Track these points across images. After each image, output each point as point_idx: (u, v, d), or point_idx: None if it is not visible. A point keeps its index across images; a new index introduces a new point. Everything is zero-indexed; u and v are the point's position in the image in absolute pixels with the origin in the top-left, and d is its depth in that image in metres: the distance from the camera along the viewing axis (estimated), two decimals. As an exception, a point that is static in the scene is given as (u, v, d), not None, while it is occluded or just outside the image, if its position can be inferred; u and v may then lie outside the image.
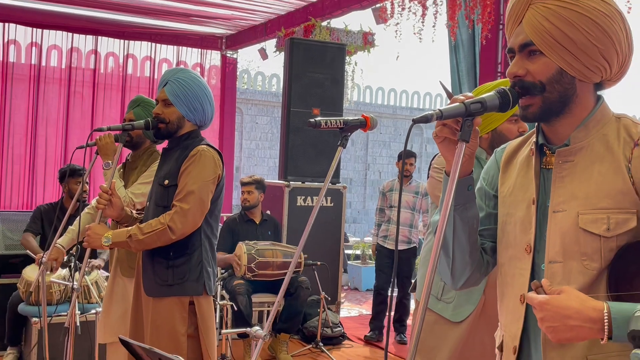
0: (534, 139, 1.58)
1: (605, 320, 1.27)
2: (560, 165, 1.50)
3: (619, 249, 1.42)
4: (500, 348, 1.63)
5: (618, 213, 1.42)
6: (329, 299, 5.73)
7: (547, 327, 1.33)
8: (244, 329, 4.62)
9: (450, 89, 6.05)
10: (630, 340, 1.19)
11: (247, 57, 29.00)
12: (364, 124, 2.37)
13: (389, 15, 6.55)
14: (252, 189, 5.54)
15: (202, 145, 2.94)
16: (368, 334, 6.16)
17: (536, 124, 1.57)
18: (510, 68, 1.51)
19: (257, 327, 2.22)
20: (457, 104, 1.42)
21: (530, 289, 1.41)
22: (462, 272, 1.64)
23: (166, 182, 2.94)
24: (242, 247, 5.20)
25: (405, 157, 6.40)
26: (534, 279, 1.48)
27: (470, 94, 1.46)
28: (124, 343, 1.68)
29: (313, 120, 2.37)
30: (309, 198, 6.09)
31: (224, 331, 3.19)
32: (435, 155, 2.84)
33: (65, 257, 4.01)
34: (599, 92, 1.54)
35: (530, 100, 1.48)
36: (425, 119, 1.41)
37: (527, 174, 1.57)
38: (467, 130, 1.43)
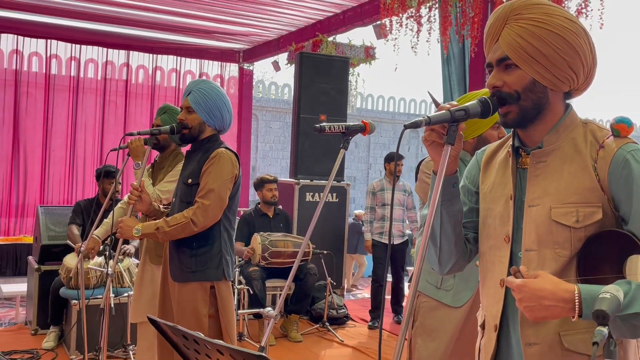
0: (511, 143, 1.59)
1: (576, 301, 1.28)
2: (535, 165, 1.51)
3: (587, 239, 1.42)
4: (482, 326, 1.64)
5: (586, 207, 1.42)
6: (334, 283, 5.73)
7: (525, 306, 1.33)
8: (257, 310, 4.64)
9: (441, 98, 6.04)
10: (594, 318, 1.19)
11: (262, 68, 29.04)
12: (364, 129, 2.39)
13: (388, 32, 6.56)
14: (276, 187, 5.57)
15: (221, 148, 2.94)
16: (370, 323, 6.02)
17: (513, 130, 1.58)
18: (489, 80, 1.52)
19: (269, 308, 2.23)
20: (444, 111, 1.43)
21: (509, 274, 1.42)
22: (448, 260, 1.65)
23: (189, 180, 2.94)
24: (257, 238, 5.21)
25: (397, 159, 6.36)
26: (512, 265, 1.49)
27: (455, 103, 1.47)
28: (152, 322, 1.67)
29: (318, 125, 2.38)
30: (316, 194, 6.09)
31: (240, 311, 3.20)
32: (422, 160, 2.85)
33: (101, 247, 4.03)
34: (567, 101, 1.54)
35: (508, 109, 1.49)
36: (416, 125, 1.42)
37: (505, 173, 1.58)
38: (453, 135, 1.44)
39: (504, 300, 1.52)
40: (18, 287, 6.07)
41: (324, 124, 2.39)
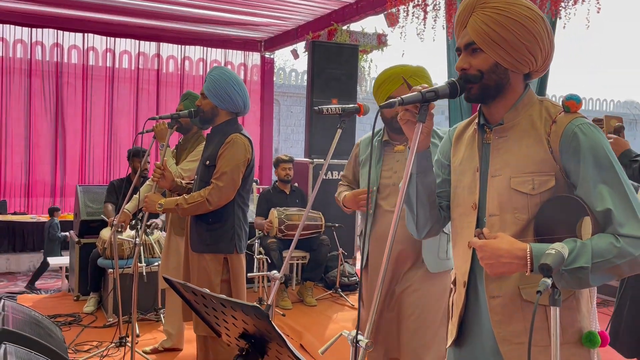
0: (477, 120, 1.66)
1: (528, 257, 1.37)
2: (497, 140, 1.57)
3: (542, 204, 1.48)
4: (454, 283, 1.72)
5: (540, 176, 1.48)
6: (346, 253, 5.81)
7: (485, 263, 1.42)
8: (266, 273, 4.77)
9: (435, 82, 6.01)
10: (539, 271, 1.27)
11: (283, 57, 28.94)
12: (358, 110, 2.46)
13: (396, 20, 6.55)
14: (290, 166, 5.64)
15: (236, 134, 2.99)
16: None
17: (479, 108, 1.64)
18: (458, 63, 1.58)
19: (274, 271, 2.30)
20: (416, 93, 1.50)
21: (475, 237, 1.50)
22: (424, 225, 1.73)
23: (207, 162, 3.02)
24: (274, 213, 5.31)
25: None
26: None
27: (426, 85, 1.54)
28: (167, 281, 1.76)
29: (317, 108, 2.46)
30: (329, 172, 6.15)
31: (249, 274, 3.31)
32: None
33: (133, 221, 4.18)
34: (527, 82, 1.60)
35: (472, 86, 1.55)
36: (390, 105, 1.49)
37: (472, 148, 1.64)
38: (424, 113, 1.51)
39: (472, 260, 1.59)
40: (62, 259, 6.30)
41: (323, 107, 2.47)
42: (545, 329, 1.44)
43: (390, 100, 1.50)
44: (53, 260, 6.30)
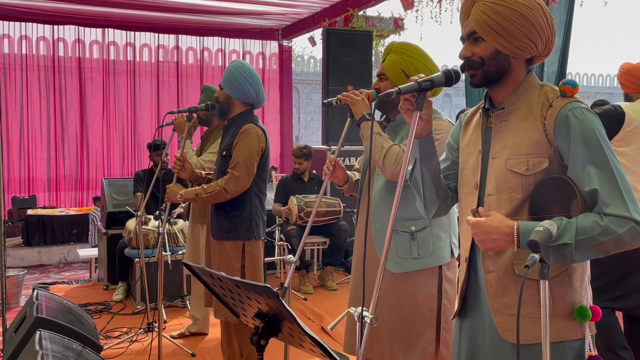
0: (483, 105, 1.75)
1: (515, 234, 1.47)
2: (498, 123, 1.66)
3: (536, 184, 1.57)
4: (458, 259, 1.82)
5: (534, 157, 1.57)
6: (366, 238, 5.91)
7: (478, 240, 1.52)
8: (281, 257, 4.89)
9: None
10: (528, 247, 1.37)
11: (301, 44, 28.75)
12: (367, 98, 2.55)
13: (411, 3, 6.57)
14: (302, 161, 5.69)
15: (250, 124, 3.09)
16: None
17: (485, 93, 1.73)
18: (461, 51, 1.67)
19: (290, 256, 2.41)
20: (412, 82, 1.61)
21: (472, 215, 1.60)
22: (432, 206, 1.83)
23: (224, 152, 3.13)
24: (293, 200, 5.42)
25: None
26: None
27: (423, 75, 1.64)
28: (187, 266, 1.87)
29: (326, 101, 2.56)
30: (346, 159, 6.23)
31: (267, 259, 3.42)
32: None
33: (157, 212, 4.33)
34: (530, 67, 1.67)
35: (474, 72, 1.65)
36: (387, 95, 1.60)
37: (477, 132, 1.74)
38: (421, 102, 1.62)
39: (472, 238, 1.69)
40: (91, 250, 6.52)
41: (331, 99, 2.56)
42: (537, 302, 1.53)
43: (388, 90, 1.61)
44: (82, 252, 6.52)
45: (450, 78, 1.63)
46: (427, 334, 2.34)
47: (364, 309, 1.59)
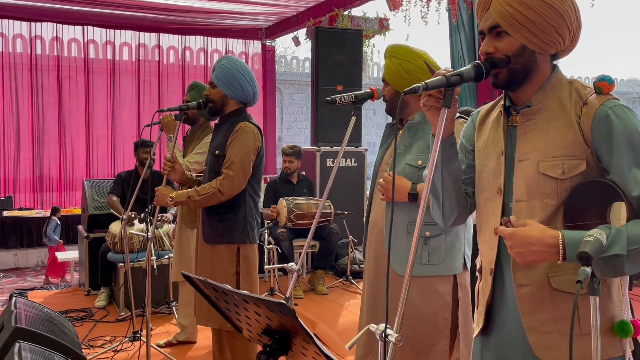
0: (502, 103, 1.60)
1: (560, 245, 1.32)
2: (524, 122, 1.52)
3: (572, 189, 1.44)
4: (480, 271, 1.67)
5: (570, 159, 1.44)
6: (356, 241, 5.79)
7: (515, 252, 1.37)
8: (282, 265, 4.74)
9: (449, 66, 5.95)
10: (578, 259, 1.23)
11: (284, 44, 28.69)
12: (372, 95, 2.40)
13: (399, 3, 6.46)
14: (292, 159, 5.53)
15: (245, 122, 2.95)
16: None
17: (504, 91, 1.59)
18: (482, 47, 1.52)
19: (292, 264, 2.26)
20: (440, 77, 1.45)
21: (501, 224, 1.45)
22: (451, 214, 1.68)
23: (216, 152, 2.98)
24: (282, 202, 5.26)
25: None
26: (504, 215, 1.52)
27: (450, 69, 1.49)
28: (186, 278, 1.73)
29: (330, 98, 2.39)
30: (340, 160, 6.12)
31: (266, 267, 3.25)
32: None
33: (142, 215, 4.13)
34: (554, 62, 1.54)
35: (499, 70, 1.50)
36: (414, 91, 1.44)
37: (497, 131, 1.59)
38: (449, 98, 1.46)
39: (498, 247, 1.55)
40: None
41: (335, 96, 2.40)
42: (575, 318, 1.40)
43: (414, 85, 1.45)
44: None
45: (480, 73, 1.49)
46: (439, 345, 2.21)
47: (388, 326, 1.43)
